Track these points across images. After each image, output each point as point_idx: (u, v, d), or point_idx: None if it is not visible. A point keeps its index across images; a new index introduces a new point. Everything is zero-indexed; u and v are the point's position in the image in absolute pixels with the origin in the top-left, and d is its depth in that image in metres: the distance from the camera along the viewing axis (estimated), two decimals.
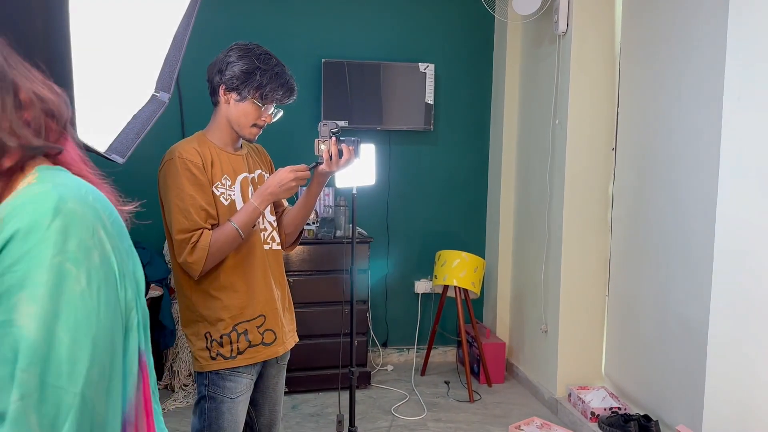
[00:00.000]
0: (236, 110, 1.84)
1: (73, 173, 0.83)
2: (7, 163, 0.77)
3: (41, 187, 0.75)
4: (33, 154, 0.80)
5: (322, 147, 1.92)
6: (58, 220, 0.72)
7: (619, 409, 3.14)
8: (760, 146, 1.82)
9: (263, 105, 1.85)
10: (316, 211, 3.92)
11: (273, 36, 3.92)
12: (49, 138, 0.81)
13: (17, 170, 0.79)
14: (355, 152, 1.95)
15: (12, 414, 0.64)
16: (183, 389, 3.65)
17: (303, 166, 1.88)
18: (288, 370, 3.77)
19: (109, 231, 0.78)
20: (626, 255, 3.27)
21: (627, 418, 2.98)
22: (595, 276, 3.46)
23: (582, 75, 3.37)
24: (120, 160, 1.07)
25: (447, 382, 3.90)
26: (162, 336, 3.62)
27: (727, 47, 1.91)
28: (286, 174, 1.85)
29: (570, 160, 3.39)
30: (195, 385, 3.09)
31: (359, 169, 3.48)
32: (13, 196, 0.75)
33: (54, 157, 0.83)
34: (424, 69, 4.03)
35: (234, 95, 1.83)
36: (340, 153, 1.92)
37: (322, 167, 1.94)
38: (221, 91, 1.84)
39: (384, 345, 4.24)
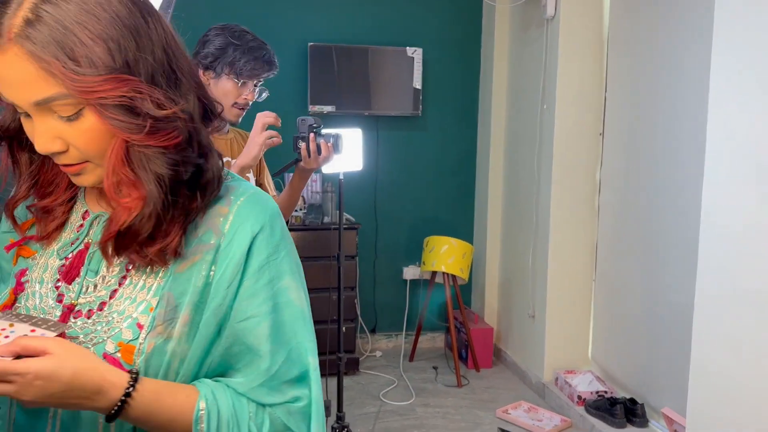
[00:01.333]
0: (215, 90, 1.82)
1: None
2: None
3: (247, 184, 0.87)
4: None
5: (301, 143, 1.89)
6: (282, 219, 0.86)
7: (606, 392, 3.17)
8: (747, 131, 1.83)
9: (240, 81, 1.82)
10: (303, 197, 3.90)
11: (258, 19, 3.86)
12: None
13: None
14: (335, 148, 1.92)
15: (311, 369, 0.83)
16: None
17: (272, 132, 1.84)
18: None
19: None
20: (613, 240, 3.29)
21: (613, 401, 3.01)
22: (583, 261, 3.47)
23: (570, 60, 3.36)
24: None
25: (435, 368, 3.92)
26: None
27: (714, 33, 1.91)
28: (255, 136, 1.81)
29: (558, 146, 3.39)
30: None
31: (346, 155, 3.46)
32: (230, 190, 0.84)
33: None
34: (412, 53, 4.00)
35: (211, 74, 1.81)
36: (319, 149, 1.89)
37: (301, 164, 1.92)
38: (200, 73, 1.81)
39: (372, 331, 4.25)
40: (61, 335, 0.74)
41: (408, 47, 3.99)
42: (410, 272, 4.23)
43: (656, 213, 2.90)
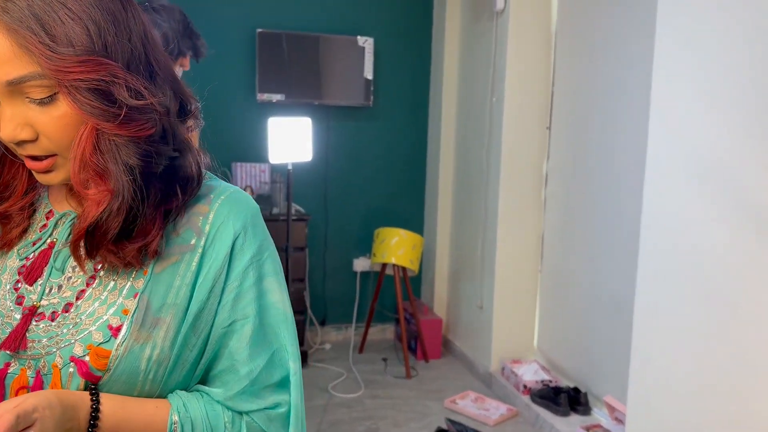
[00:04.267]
0: None
1: None
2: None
3: (226, 183, 0.85)
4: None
5: None
6: (261, 218, 0.84)
7: (550, 382, 3.24)
8: (687, 128, 1.88)
9: None
10: (251, 187, 3.83)
11: (205, 4, 3.76)
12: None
13: None
14: None
15: (292, 373, 0.81)
16: None
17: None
18: None
19: None
20: (559, 232, 3.34)
21: (557, 390, 3.07)
22: (529, 252, 3.52)
23: (518, 53, 3.38)
24: None
25: (384, 359, 3.92)
26: None
27: (657, 29, 1.95)
28: None
29: (506, 138, 3.42)
30: None
31: (295, 145, 3.41)
32: (209, 188, 0.82)
33: None
34: (363, 43, 3.96)
35: None
36: None
37: None
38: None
39: (322, 323, 4.21)
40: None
41: (359, 36, 3.96)
42: (361, 264, 4.21)
43: (600, 205, 2.96)
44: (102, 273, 0.77)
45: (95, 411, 0.71)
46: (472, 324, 3.84)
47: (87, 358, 0.73)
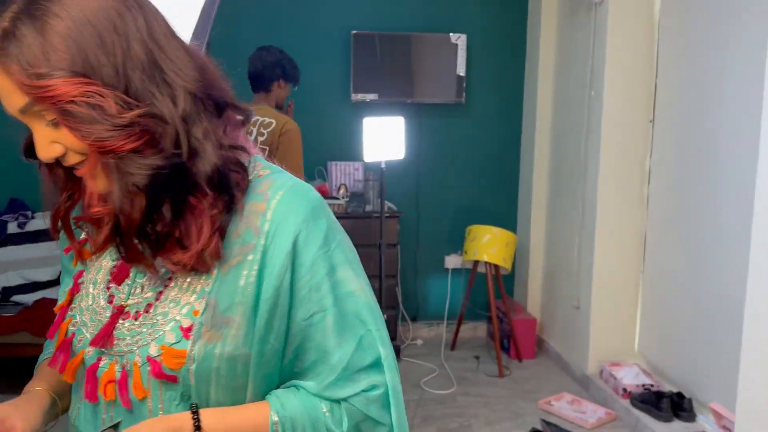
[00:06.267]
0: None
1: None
2: (231, 139, 0.81)
3: (285, 176, 0.83)
4: (244, 123, 0.85)
5: None
6: (326, 209, 0.83)
7: (652, 386, 3.10)
8: None
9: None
10: (345, 185, 3.93)
11: (301, 9, 3.89)
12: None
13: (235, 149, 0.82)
14: None
15: (383, 358, 0.81)
16: None
17: None
18: None
19: None
20: (663, 231, 3.19)
21: (660, 395, 2.94)
22: (630, 252, 3.39)
23: (619, 45, 3.26)
24: None
25: (477, 357, 3.90)
26: None
27: None
28: None
29: (606, 133, 3.31)
30: None
31: (388, 144, 3.46)
32: (265, 185, 0.80)
33: None
34: (456, 40, 3.96)
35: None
36: None
37: None
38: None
39: (414, 319, 4.25)
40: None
41: (452, 33, 3.95)
42: (452, 261, 4.21)
43: (708, 203, 2.80)
44: (178, 275, 0.79)
45: (197, 429, 0.75)
46: (568, 324, 3.74)
47: (160, 358, 0.76)
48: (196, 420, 0.75)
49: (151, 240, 0.76)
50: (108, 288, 0.82)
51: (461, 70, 3.99)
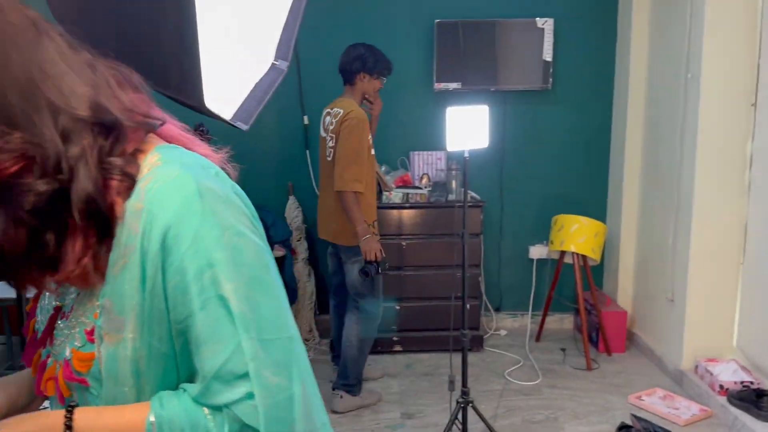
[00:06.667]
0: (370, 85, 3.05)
1: (185, 147, 0.84)
2: (131, 146, 0.78)
3: (170, 169, 0.77)
4: (149, 130, 0.81)
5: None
6: (206, 202, 0.75)
7: (751, 383, 2.94)
8: None
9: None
10: (428, 175, 3.93)
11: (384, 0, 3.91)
12: (149, 113, 0.81)
13: (138, 152, 0.79)
14: None
15: (251, 374, 0.74)
16: (304, 343, 3.84)
17: None
18: (403, 330, 3.91)
19: (240, 198, 0.82)
20: (765, 219, 3.00)
21: (760, 393, 2.78)
22: (730, 242, 3.21)
23: (718, 25, 3.07)
24: (244, 127, 1.13)
25: (563, 349, 3.82)
26: (286, 293, 3.81)
27: None
28: None
29: (703, 117, 3.14)
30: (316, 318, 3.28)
31: (472, 133, 3.43)
32: (146, 181, 0.76)
33: (159, 132, 0.84)
34: (542, 24, 3.86)
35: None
36: None
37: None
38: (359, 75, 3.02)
39: (497, 310, 4.21)
40: None
41: (538, 18, 3.86)
42: (537, 251, 4.13)
43: None
44: None
45: (68, 429, 0.75)
46: (661, 318, 3.60)
47: (71, 362, 0.78)
48: (68, 419, 0.76)
49: (35, 265, 0.75)
50: (57, 287, 0.83)
51: (548, 56, 3.88)
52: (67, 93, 0.73)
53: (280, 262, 3.80)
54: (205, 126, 2.81)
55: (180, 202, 0.74)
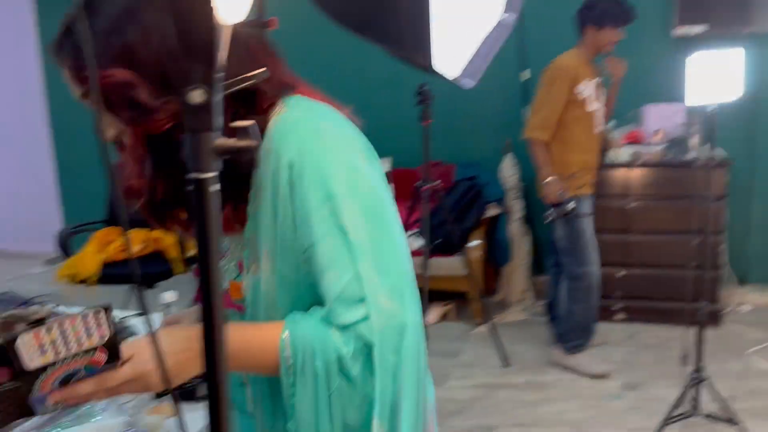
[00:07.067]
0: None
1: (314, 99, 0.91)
2: (266, 103, 0.86)
3: (293, 113, 0.85)
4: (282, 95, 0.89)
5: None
6: (325, 140, 0.83)
7: None
8: None
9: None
10: (663, 130, 3.57)
11: None
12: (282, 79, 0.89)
13: (270, 106, 0.87)
14: None
15: (368, 298, 0.80)
16: (517, 304, 3.83)
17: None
18: (627, 298, 3.69)
19: (358, 136, 0.88)
20: None
21: None
22: None
23: None
24: (471, 83, 1.12)
25: None
26: (499, 252, 3.80)
27: None
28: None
29: None
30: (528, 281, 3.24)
31: (720, 83, 3.02)
32: (273, 124, 0.85)
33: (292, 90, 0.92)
34: None
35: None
36: None
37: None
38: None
39: (742, 282, 3.74)
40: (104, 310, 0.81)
41: None
42: None
43: None
44: None
45: None
46: None
47: (229, 291, 0.91)
48: None
49: (185, 209, 0.87)
50: None
51: None
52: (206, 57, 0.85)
53: (494, 221, 3.78)
54: (428, 86, 2.85)
55: (301, 140, 0.83)
